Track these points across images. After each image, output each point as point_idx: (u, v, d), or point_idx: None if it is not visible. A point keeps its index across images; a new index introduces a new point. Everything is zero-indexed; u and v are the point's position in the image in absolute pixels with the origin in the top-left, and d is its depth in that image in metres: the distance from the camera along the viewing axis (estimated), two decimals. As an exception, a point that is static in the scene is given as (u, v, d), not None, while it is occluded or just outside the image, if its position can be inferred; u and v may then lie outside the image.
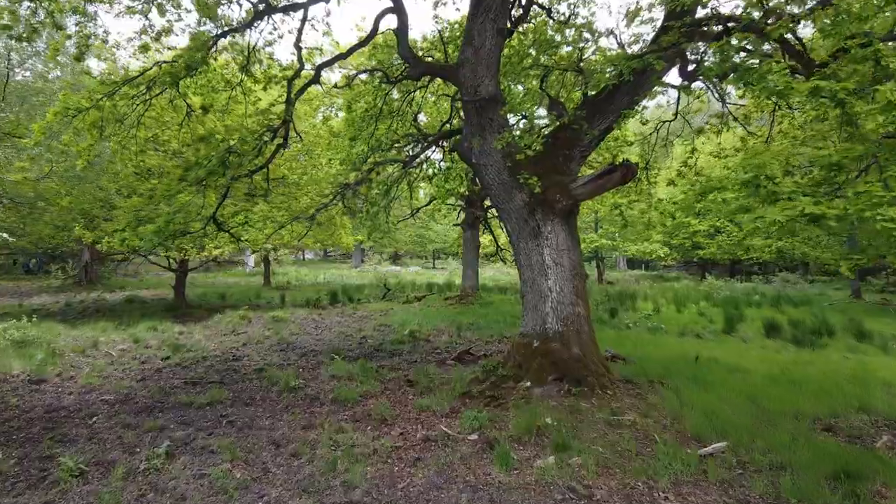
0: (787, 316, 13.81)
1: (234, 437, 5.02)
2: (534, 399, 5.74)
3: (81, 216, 12.09)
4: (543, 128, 6.82)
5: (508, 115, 6.74)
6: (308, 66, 7.55)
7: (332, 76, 32.47)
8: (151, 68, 5.93)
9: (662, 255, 26.17)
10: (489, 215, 16.34)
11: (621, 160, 5.90)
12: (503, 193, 6.45)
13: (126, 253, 14.67)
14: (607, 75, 5.76)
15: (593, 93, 6.57)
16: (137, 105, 6.80)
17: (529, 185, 6.00)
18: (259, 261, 31.28)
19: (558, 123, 6.60)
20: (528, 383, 5.96)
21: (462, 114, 6.95)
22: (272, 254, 23.11)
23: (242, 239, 8.61)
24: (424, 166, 9.92)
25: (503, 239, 21.73)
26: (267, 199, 7.74)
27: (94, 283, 21.46)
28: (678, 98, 8.50)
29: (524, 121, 8.25)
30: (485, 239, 19.26)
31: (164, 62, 5.70)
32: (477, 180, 16.74)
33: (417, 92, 9.39)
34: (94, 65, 16.54)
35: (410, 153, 7.66)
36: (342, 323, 12.19)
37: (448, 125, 8.35)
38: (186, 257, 12.61)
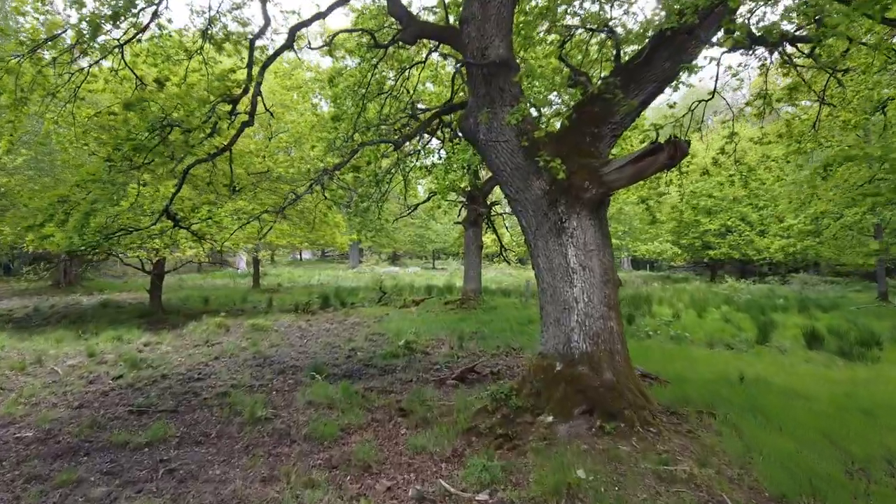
0: (820, 322, 12.61)
1: (169, 497, 3.81)
2: (558, 440, 4.53)
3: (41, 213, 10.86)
4: (562, 107, 5.59)
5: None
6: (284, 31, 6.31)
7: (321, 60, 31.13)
8: (79, 24, 4.72)
9: (672, 256, 24.94)
10: (493, 212, 15.13)
11: (667, 138, 4.68)
12: (517, 180, 5.23)
13: (101, 253, 13.45)
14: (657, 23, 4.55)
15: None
16: (74, 74, 5.60)
17: (551, 169, 4.78)
18: (251, 262, 30.07)
19: (584, 96, 5.39)
20: (551, 418, 4.75)
21: (466, 85, 5.72)
22: (261, 255, 21.89)
23: (208, 238, 7.38)
24: (421, 154, 8.70)
25: (507, 238, 20.50)
26: (233, 191, 6.54)
27: (73, 285, 20.24)
28: (717, 74, 7.29)
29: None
30: (487, 238, 18.03)
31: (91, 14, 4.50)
32: (479, 174, 15.51)
33: (413, 70, 8.18)
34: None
35: (403, 133, 6.42)
36: (330, 331, 10.97)
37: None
38: (160, 258, 11.40)
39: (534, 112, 7.31)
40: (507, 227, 18.33)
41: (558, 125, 5.11)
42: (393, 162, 7.96)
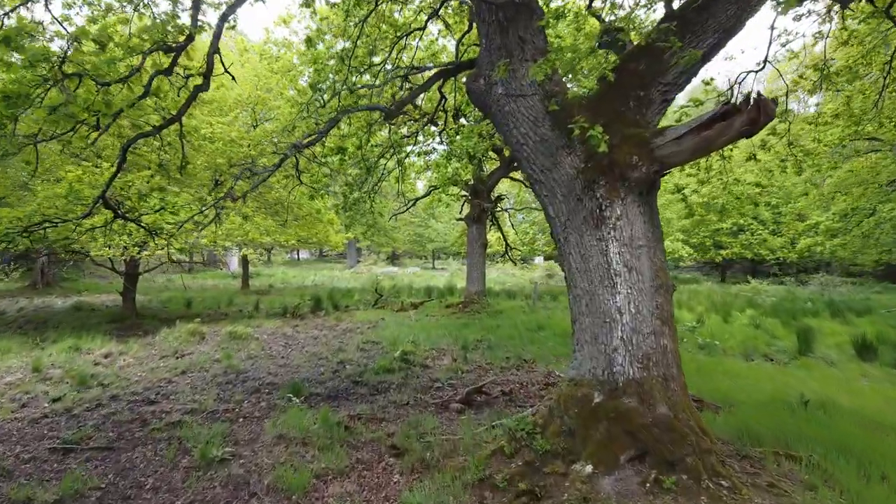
0: (858, 328, 11.48)
1: None
2: (602, 498, 3.38)
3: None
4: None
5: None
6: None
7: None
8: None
9: (685, 255, 23.79)
10: (498, 208, 13.98)
11: (745, 96, 3.53)
12: (542, 156, 4.08)
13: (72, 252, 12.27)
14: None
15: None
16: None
17: (589, 140, 3.63)
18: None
19: (629, 49, 4.25)
20: (590, 467, 3.60)
21: (479, 36, 4.55)
22: (251, 254, 20.74)
23: (163, 233, 6.21)
24: (419, 139, 7.53)
25: (512, 236, 19.34)
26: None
27: (50, 286, 19.08)
28: (770, 38, 6.15)
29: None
30: (491, 236, 16.87)
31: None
32: (483, 165, 14.37)
33: (410, 40, 7.03)
34: None
35: (396, 99, 5.23)
36: (319, 339, 9.82)
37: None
38: (130, 257, 10.25)
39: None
40: (512, 225, 17.16)
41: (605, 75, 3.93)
42: (387, 145, 6.80)
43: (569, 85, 7.03)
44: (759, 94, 3.42)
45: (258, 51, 12.45)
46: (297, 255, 54.19)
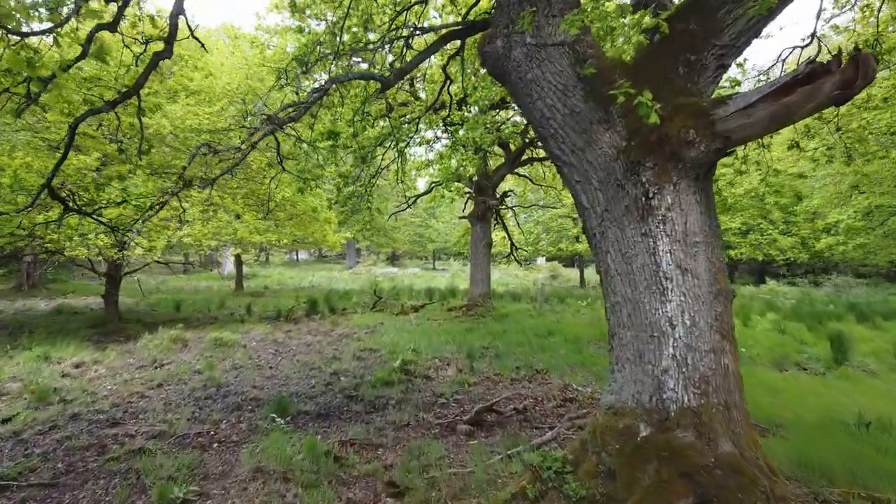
0: (884, 332, 10.75)
1: None
2: (658, 566, 2.65)
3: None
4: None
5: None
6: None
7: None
8: None
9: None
10: (503, 205, 13.25)
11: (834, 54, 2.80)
12: (573, 133, 3.35)
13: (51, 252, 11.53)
14: None
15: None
16: None
17: (638, 109, 2.89)
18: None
19: (676, 5, 3.52)
20: (638, 521, 2.86)
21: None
22: (247, 255, 20.04)
23: (125, 230, 5.47)
24: (421, 128, 6.80)
25: (517, 235, 18.60)
26: (144, 157, 4.65)
27: (36, 287, 18.34)
28: (819, 10, 5.42)
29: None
30: (496, 235, 16.12)
31: None
32: (488, 160, 13.62)
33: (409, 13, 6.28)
34: None
35: (395, 68, 4.47)
36: (312, 346, 9.08)
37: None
38: (111, 258, 9.51)
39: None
40: (517, 224, 16.40)
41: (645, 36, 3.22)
42: (385, 133, 6.06)
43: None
44: (857, 48, 2.69)
45: (249, 39, 11.73)
46: (296, 255, 53.43)
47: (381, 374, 6.86)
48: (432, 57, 10.56)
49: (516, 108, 11.80)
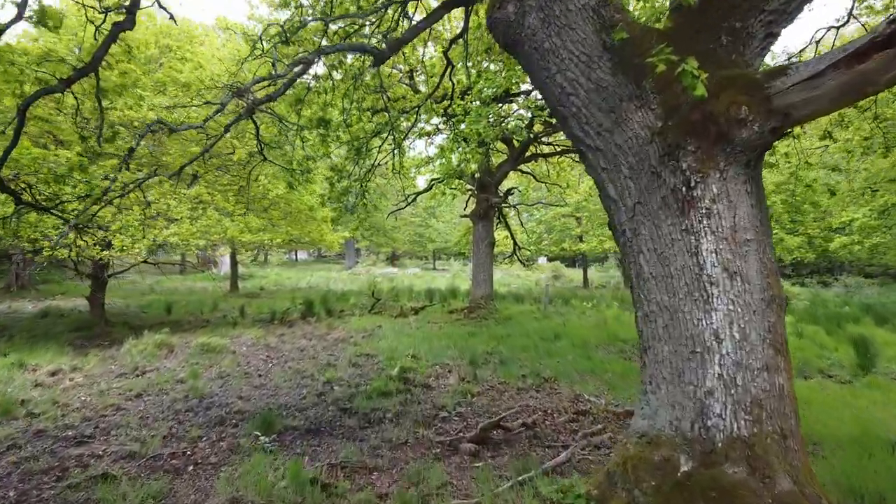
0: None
1: None
2: None
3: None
4: None
5: None
6: None
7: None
8: None
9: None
10: (506, 203, 12.76)
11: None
12: (598, 112, 2.86)
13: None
14: None
15: None
16: None
17: (683, 78, 2.40)
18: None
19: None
20: (683, 578, 2.37)
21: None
22: (243, 255, 19.54)
23: (93, 228, 4.95)
24: (421, 118, 6.31)
25: (521, 235, 18.10)
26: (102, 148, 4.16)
27: (26, 288, 17.87)
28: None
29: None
30: (498, 234, 15.63)
31: None
32: (491, 155, 13.11)
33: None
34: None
35: (390, 40, 3.97)
36: (305, 352, 8.58)
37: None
38: (97, 258, 9.01)
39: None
40: (521, 223, 15.85)
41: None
42: (382, 122, 5.57)
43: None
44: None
45: (241, 29, 11.23)
46: (295, 255, 52.91)
47: (378, 383, 6.37)
48: (432, 47, 10.07)
49: (521, 101, 11.32)
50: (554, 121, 11.71)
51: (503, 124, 10.49)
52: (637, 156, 2.76)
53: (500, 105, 11.20)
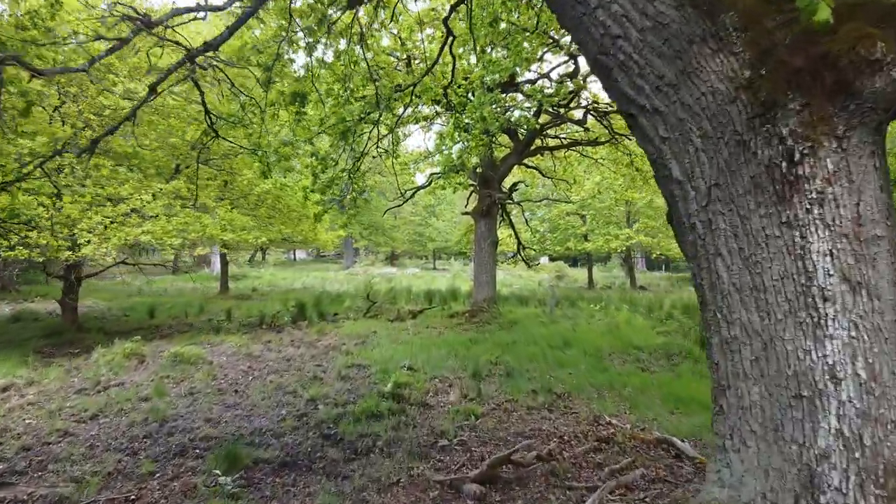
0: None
1: None
2: None
3: None
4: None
5: None
6: None
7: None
8: None
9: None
10: (511, 200, 11.96)
11: None
12: (657, 58, 2.06)
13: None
14: None
15: None
16: None
17: (797, 4, 1.61)
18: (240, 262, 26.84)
19: None
20: None
21: None
22: (236, 255, 18.76)
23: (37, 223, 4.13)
24: (417, 103, 5.52)
25: (525, 234, 17.29)
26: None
27: (6, 289, 17.08)
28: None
29: None
30: (501, 234, 14.83)
31: None
32: (494, 149, 12.28)
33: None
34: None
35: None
36: (292, 362, 7.80)
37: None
38: (66, 259, 8.21)
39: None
40: (526, 221, 15.02)
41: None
42: (372, 104, 4.78)
43: None
44: None
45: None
46: (294, 255, 52.08)
47: (369, 402, 5.58)
48: (430, 30, 9.24)
49: (526, 89, 10.51)
50: (562, 110, 10.91)
51: (507, 114, 9.71)
52: (714, 119, 1.97)
53: (504, 94, 10.42)
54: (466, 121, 7.15)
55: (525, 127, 9.02)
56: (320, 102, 3.96)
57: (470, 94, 7.35)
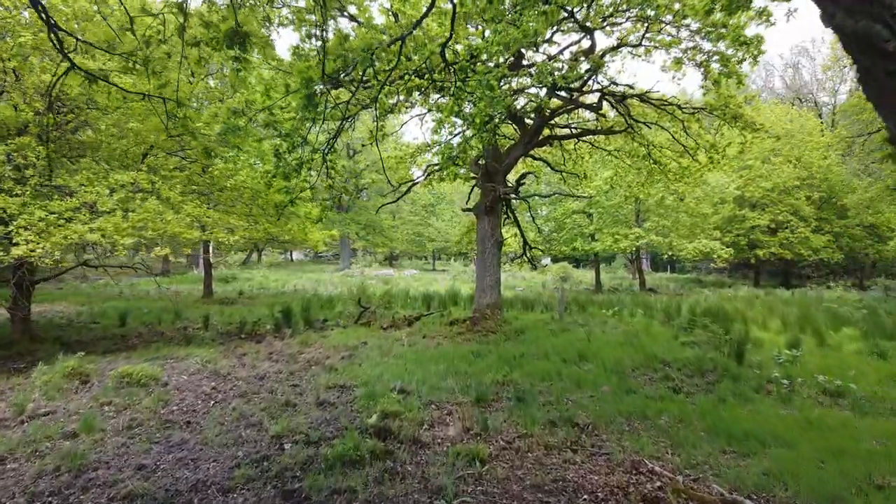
0: None
1: None
2: None
3: None
4: None
5: None
6: None
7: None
8: None
9: (725, 256, 20.61)
10: (516, 195, 10.82)
11: None
12: None
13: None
14: None
15: None
16: None
17: None
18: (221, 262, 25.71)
19: None
20: None
21: None
22: (230, 255, 17.64)
23: None
24: (408, 82, 4.40)
25: (531, 233, 16.15)
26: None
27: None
28: None
29: None
30: (506, 233, 13.69)
31: None
32: (497, 140, 11.04)
33: None
34: None
35: None
36: (265, 382, 6.66)
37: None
38: (14, 260, 7.06)
39: None
40: (532, 219, 13.76)
41: None
42: (349, 58, 3.65)
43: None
44: None
45: None
46: (290, 255, 50.84)
47: (348, 442, 4.44)
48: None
49: (534, 73, 9.40)
50: (574, 94, 9.78)
51: (513, 95, 8.60)
52: None
53: (509, 78, 9.30)
54: (468, 100, 6.06)
55: (539, 105, 7.87)
56: (271, 49, 2.87)
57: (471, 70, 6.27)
